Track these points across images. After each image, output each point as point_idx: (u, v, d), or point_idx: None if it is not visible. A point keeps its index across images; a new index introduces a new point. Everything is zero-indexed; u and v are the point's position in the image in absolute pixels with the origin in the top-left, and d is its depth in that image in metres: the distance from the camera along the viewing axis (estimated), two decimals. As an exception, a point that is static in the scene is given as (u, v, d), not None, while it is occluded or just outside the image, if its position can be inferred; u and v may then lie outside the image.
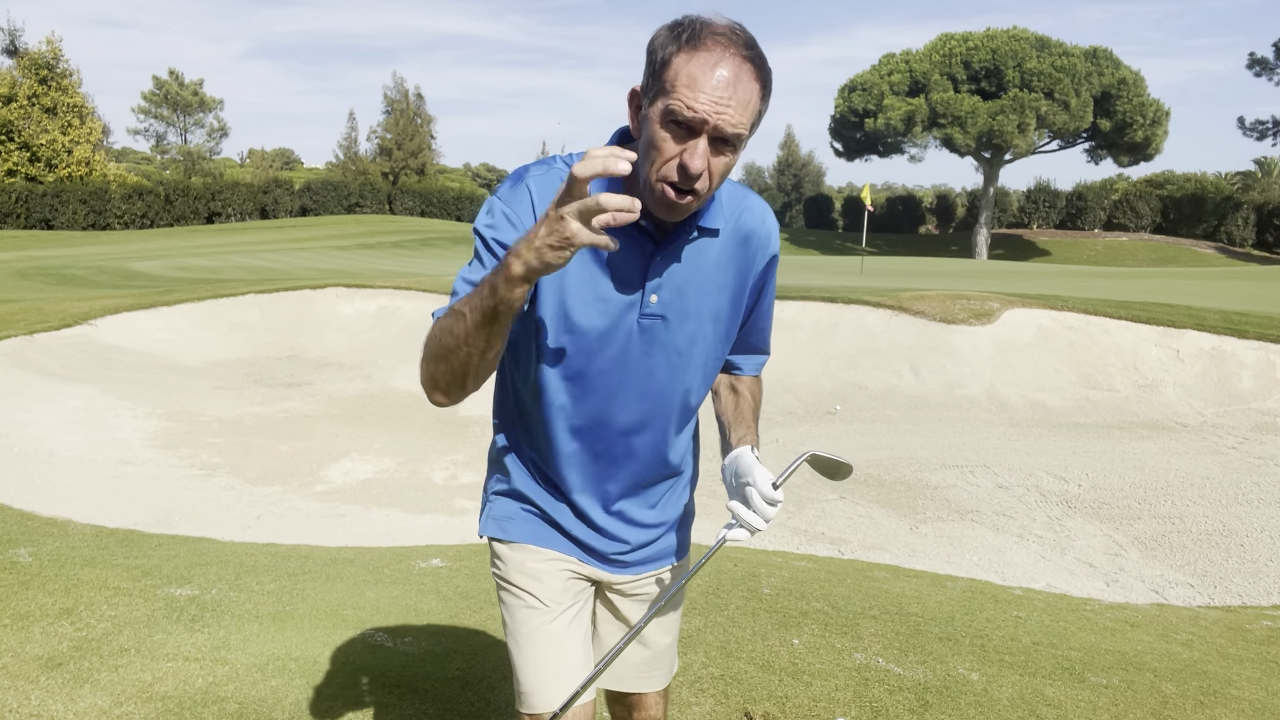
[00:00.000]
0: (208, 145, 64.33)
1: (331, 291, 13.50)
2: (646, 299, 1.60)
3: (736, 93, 1.40)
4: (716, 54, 1.40)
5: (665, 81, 1.41)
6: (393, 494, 6.66)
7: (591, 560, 1.80)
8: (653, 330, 1.62)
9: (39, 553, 4.19)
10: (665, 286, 1.60)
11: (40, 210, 41.47)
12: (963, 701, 3.10)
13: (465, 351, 1.45)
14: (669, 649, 1.98)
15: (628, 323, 1.60)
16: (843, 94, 47.12)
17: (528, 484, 1.76)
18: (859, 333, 11.20)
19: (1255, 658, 3.70)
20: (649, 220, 1.55)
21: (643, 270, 1.58)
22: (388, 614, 3.63)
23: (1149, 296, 13.16)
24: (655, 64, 1.44)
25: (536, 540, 1.75)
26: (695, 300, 1.64)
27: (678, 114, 1.40)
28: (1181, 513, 6.39)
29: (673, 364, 1.67)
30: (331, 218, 45.91)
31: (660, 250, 1.58)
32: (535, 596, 1.74)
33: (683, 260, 1.61)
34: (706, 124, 1.40)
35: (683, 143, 1.42)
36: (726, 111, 1.40)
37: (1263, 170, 61.25)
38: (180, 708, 2.81)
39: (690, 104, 1.39)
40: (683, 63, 1.40)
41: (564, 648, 1.73)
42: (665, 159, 1.43)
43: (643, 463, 1.74)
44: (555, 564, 1.76)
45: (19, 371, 9.15)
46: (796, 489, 6.95)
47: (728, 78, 1.39)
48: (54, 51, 45.55)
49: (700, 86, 1.39)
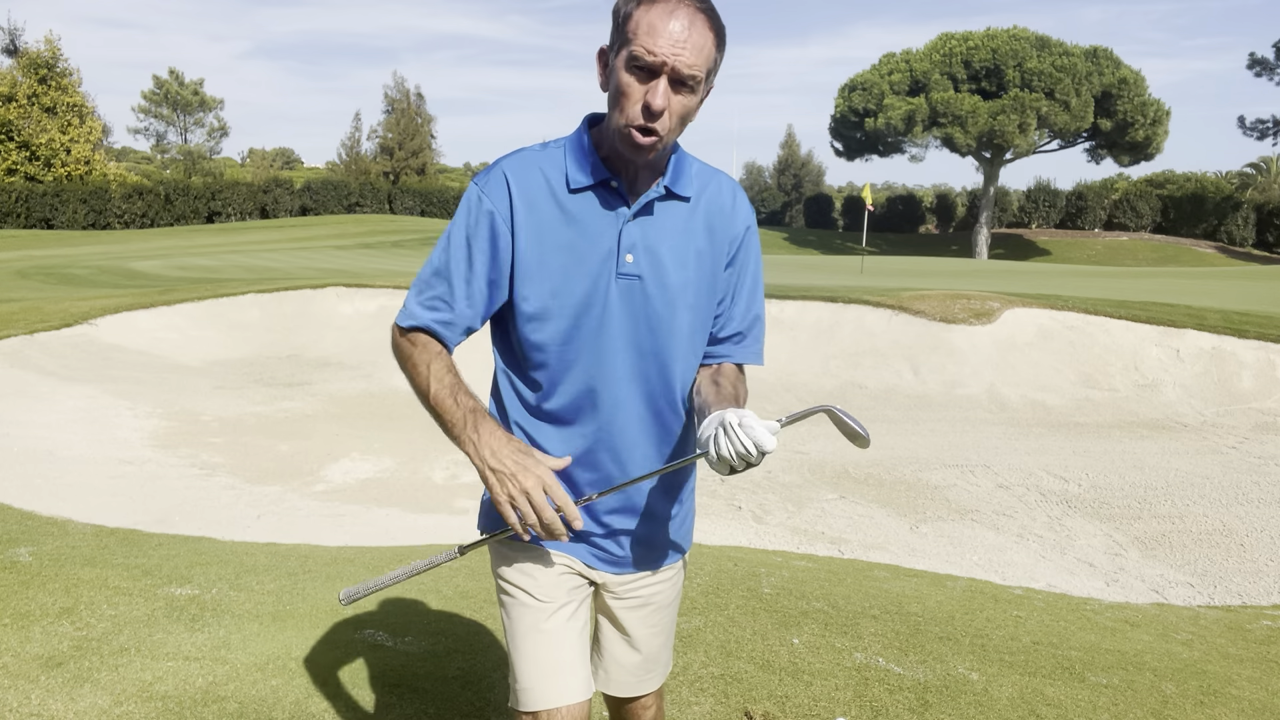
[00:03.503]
0: (208, 145, 64.36)
1: (332, 291, 13.50)
2: (622, 258, 1.68)
3: (691, 37, 1.55)
4: (672, 5, 1.56)
5: (628, 33, 1.57)
6: (393, 494, 6.66)
7: (589, 557, 1.81)
8: (631, 291, 1.69)
9: (39, 552, 4.20)
10: (639, 247, 1.69)
11: (40, 210, 41.46)
12: (963, 701, 3.10)
13: (421, 399, 1.71)
14: (662, 650, 1.99)
15: (605, 282, 1.68)
16: (843, 93, 47.10)
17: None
18: (859, 332, 11.20)
19: (1255, 657, 3.70)
20: (620, 181, 1.68)
21: (616, 233, 1.68)
22: (388, 614, 3.63)
23: (1149, 296, 13.16)
24: (619, 19, 1.60)
25: (532, 538, 1.76)
26: (670, 263, 1.71)
27: (640, 58, 1.55)
28: (1181, 512, 6.39)
29: (654, 328, 1.72)
30: (332, 217, 45.91)
31: (633, 211, 1.69)
32: (529, 594, 1.75)
33: (654, 223, 1.71)
34: (665, 65, 1.55)
35: (645, 84, 1.57)
36: (683, 53, 1.55)
37: (1260, 171, 61.20)
38: (180, 707, 2.81)
39: (650, 48, 1.54)
40: (642, 14, 1.56)
41: (558, 646, 1.74)
42: (632, 102, 1.57)
43: (638, 439, 1.76)
44: (550, 561, 1.77)
45: (19, 371, 9.15)
46: (796, 489, 6.95)
47: (684, 24, 1.55)
48: (53, 51, 45.53)
49: (659, 33, 1.54)
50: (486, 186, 1.68)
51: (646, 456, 1.78)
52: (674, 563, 1.93)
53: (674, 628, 2.04)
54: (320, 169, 71.06)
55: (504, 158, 1.72)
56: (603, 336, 1.70)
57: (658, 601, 1.91)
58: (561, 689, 1.71)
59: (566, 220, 1.67)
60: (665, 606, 1.94)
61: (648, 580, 1.88)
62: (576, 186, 1.67)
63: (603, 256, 1.68)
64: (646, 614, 1.91)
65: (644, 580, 1.88)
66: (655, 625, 1.93)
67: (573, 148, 1.70)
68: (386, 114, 59.26)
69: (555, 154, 1.70)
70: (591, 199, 1.68)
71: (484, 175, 1.70)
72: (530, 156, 1.70)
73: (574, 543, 1.79)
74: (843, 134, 48.42)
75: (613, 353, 1.70)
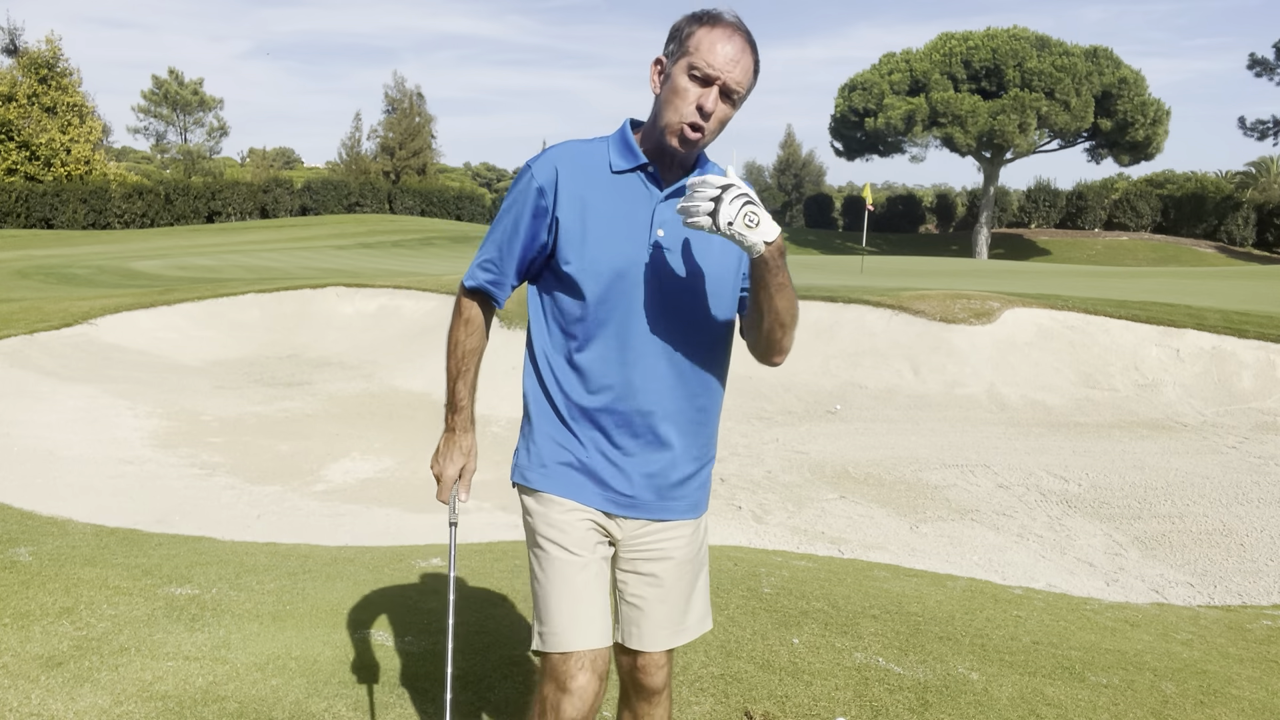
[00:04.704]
0: (208, 144, 64.28)
1: (331, 291, 13.50)
2: (654, 232, 1.96)
3: (742, 60, 1.89)
4: (729, 32, 1.88)
5: (689, 47, 1.88)
6: (393, 494, 6.66)
7: (612, 506, 2.00)
8: (660, 260, 1.97)
9: (39, 552, 4.20)
10: (669, 224, 1.97)
11: (40, 209, 41.45)
12: (963, 701, 3.10)
13: (447, 357, 2.13)
14: (687, 610, 2.11)
15: (640, 252, 1.96)
16: (843, 93, 47.08)
17: (555, 427, 2.00)
18: (859, 332, 11.20)
19: (1255, 657, 3.70)
20: (655, 167, 1.97)
21: (650, 211, 1.97)
22: (388, 614, 3.63)
23: (1149, 296, 13.16)
24: (680, 36, 1.91)
25: (562, 491, 1.98)
26: (694, 240, 1.99)
27: (700, 69, 1.87)
28: (1181, 512, 6.39)
29: (680, 293, 1.98)
30: (332, 217, 45.89)
31: (664, 194, 1.98)
32: (561, 546, 1.96)
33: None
34: (719, 78, 1.87)
35: (700, 89, 1.88)
36: (734, 71, 1.88)
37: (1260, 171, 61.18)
38: (180, 707, 2.81)
39: (710, 62, 1.86)
40: (704, 34, 1.88)
41: (586, 594, 1.95)
42: (687, 103, 1.88)
43: (667, 385, 1.98)
44: (578, 515, 1.98)
45: (19, 371, 9.15)
46: (796, 489, 6.95)
47: (738, 49, 1.88)
48: (53, 50, 45.51)
49: (717, 52, 1.86)
50: (538, 168, 1.97)
51: (666, 411, 1.99)
52: (688, 519, 2.08)
53: (704, 593, 2.17)
54: (320, 169, 71.01)
55: (555, 145, 2.02)
56: (633, 299, 1.95)
57: (677, 556, 2.07)
58: (589, 634, 1.92)
59: (608, 197, 1.96)
60: (685, 562, 2.08)
61: (663, 533, 2.05)
62: (619, 169, 1.97)
63: (638, 230, 1.96)
64: (667, 567, 2.06)
65: (660, 532, 2.04)
66: (677, 580, 2.07)
67: (616, 140, 2.00)
68: (387, 114, 59.23)
69: (600, 144, 2.01)
70: (631, 181, 1.97)
71: (537, 158, 1.99)
72: (578, 145, 2.01)
73: (598, 485, 1.99)
74: (843, 134, 48.40)
75: (641, 314, 1.95)
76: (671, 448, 2.00)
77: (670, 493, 2.03)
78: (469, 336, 2.08)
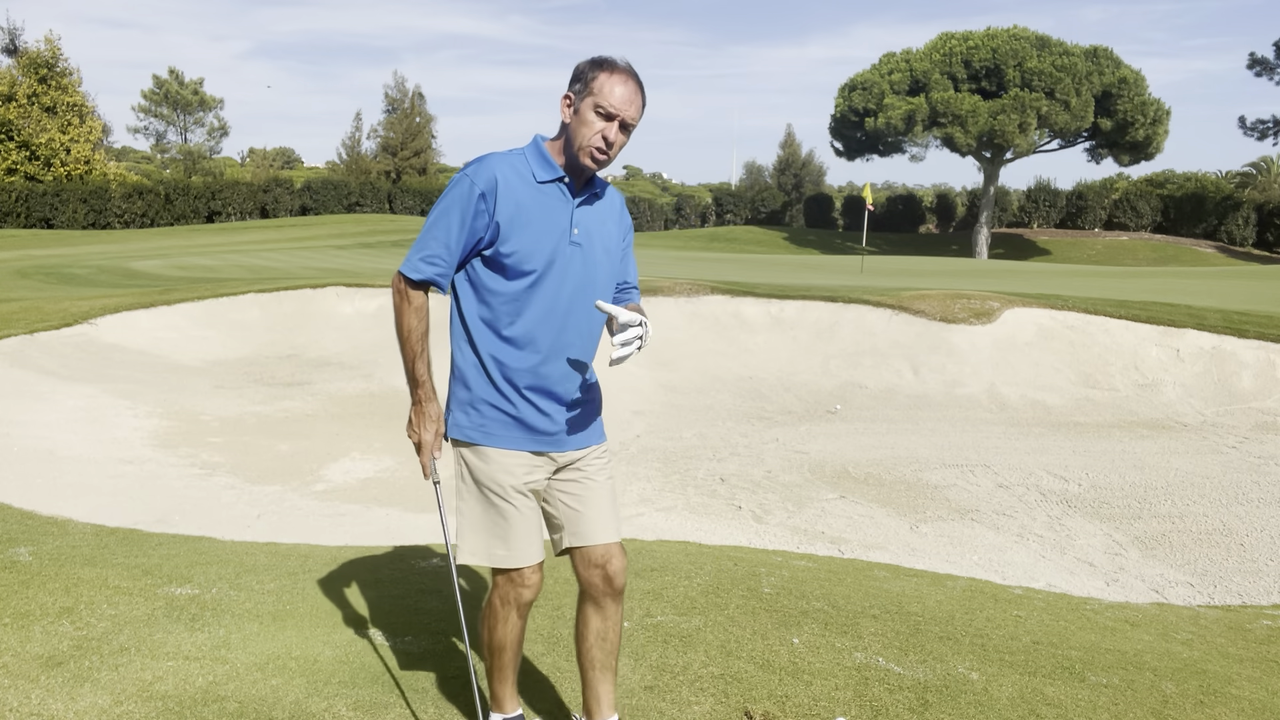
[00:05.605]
0: (208, 144, 64.20)
1: (331, 291, 13.49)
2: (571, 231, 2.50)
3: (635, 100, 2.43)
4: (624, 77, 2.41)
5: (593, 89, 2.40)
6: (393, 493, 6.66)
7: (542, 444, 2.52)
8: (576, 251, 2.51)
9: (39, 552, 4.20)
10: (581, 224, 2.53)
11: (40, 209, 41.44)
12: (963, 701, 3.10)
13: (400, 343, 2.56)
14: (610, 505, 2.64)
15: (563, 246, 2.49)
16: (843, 93, 47.07)
17: (491, 391, 2.49)
18: (859, 332, 11.20)
19: (1255, 657, 3.70)
20: (571, 180, 2.49)
21: (569, 213, 2.51)
22: (388, 614, 3.64)
23: (1149, 296, 13.16)
24: (585, 78, 2.42)
25: (505, 444, 2.50)
26: (598, 235, 2.57)
27: (604, 108, 2.39)
28: (1181, 512, 6.39)
29: (590, 274, 2.54)
30: (332, 217, 45.89)
31: (576, 201, 2.52)
32: (512, 489, 2.50)
33: (589, 211, 2.56)
34: (618, 115, 2.41)
35: (603, 123, 2.41)
36: (630, 110, 2.42)
37: (1260, 171, 61.16)
38: (180, 707, 2.81)
39: (611, 103, 2.39)
40: (605, 79, 2.40)
41: (536, 520, 2.55)
42: (594, 133, 2.41)
43: (579, 348, 2.53)
44: (516, 460, 2.51)
45: (19, 371, 9.15)
46: (796, 489, 6.95)
47: (631, 91, 2.42)
48: (53, 50, 45.49)
49: (616, 94, 2.40)
50: (477, 175, 2.43)
51: (580, 365, 2.56)
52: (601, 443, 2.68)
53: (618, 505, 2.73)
54: (320, 169, 71.01)
55: (486, 155, 2.49)
56: (556, 282, 2.48)
57: (610, 470, 2.69)
58: (538, 549, 2.54)
59: (536, 202, 2.46)
60: (611, 477, 2.69)
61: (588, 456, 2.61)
62: (542, 180, 2.47)
63: (560, 229, 2.48)
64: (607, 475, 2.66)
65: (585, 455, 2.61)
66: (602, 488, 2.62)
67: (534, 155, 2.49)
68: (387, 114, 59.22)
69: (518, 156, 2.49)
70: (552, 189, 2.48)
71: (474, 166, 2.45)
72: (503, 157, 2.49)
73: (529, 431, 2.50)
74: (843, 134, 48.39)
75: (562, 294, 2.49)
76: (586, 392, 2.59)
77: (588, 426, 2.61)
78: (421, 322, 2.52)
